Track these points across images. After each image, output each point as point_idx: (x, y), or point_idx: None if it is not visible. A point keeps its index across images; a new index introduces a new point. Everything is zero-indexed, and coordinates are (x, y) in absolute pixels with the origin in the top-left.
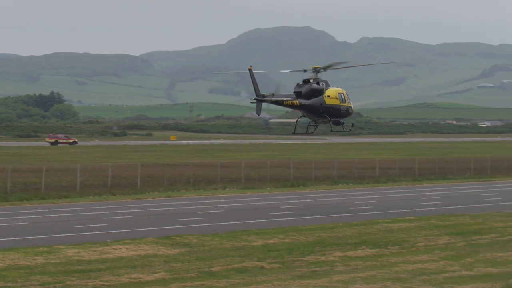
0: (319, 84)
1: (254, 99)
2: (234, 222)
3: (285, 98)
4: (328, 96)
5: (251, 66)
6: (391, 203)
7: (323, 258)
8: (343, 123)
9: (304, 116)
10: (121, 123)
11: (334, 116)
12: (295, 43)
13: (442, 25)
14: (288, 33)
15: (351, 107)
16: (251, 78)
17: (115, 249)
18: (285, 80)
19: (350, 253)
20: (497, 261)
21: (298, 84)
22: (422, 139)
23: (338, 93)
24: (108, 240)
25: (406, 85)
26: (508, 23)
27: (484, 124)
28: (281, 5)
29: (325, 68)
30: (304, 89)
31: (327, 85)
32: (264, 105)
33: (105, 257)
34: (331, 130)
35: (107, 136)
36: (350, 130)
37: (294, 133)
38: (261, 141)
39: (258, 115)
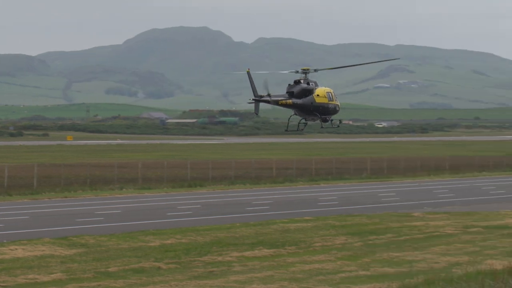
0: (309, 84)
1: (253, 99)
2: (131, 222)
3: (279, 98)
4: (318, 95)
5: (248, 69)
6: (288, 203)
7: (220, 258)
8: (332, 120)
9: (296, 114)
10: (17, 124)
11: (323, 113)
12: (192, 43)
13: (338, 25)
14: (185, 33)
15: (338, 105)
16: (249, 80)
17: (12, 249)
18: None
19: (247, 253)
20: (394, 261)
21: (289, 84)
22: (319, 140)
23: (327, 92)
24: (5, 241)
25: None
26: (403, 24)
27: (381, 124)
28: (178, 5)
29: (315, 70)
30: (296, 89)
31: (316, 85)
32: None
33: (1, 258)
34: (321, 127)
35: (4, 137)
36: (338, 126)
37: (286, 131)
38: (158, 141)
39: (257, 114)
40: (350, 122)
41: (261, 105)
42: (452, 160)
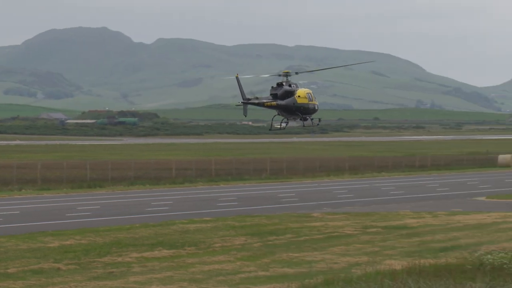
0: (291, 86)
1: (241, 102)
2: (30, 223)
3: (265, 100)
4: (299, 96)
5: (237, 74)
6: (188, 203)
7: (119, 259)
8: (312, 119)
9: (279, 114)
10: None
11: (304, 113)
12: (91, 44)
13: (238, 26)
14: (84, 34)
15: (317, 104)
16: (238, 84)
17: None
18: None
19: (146, 254)
20: (293, 262)
21: (272, 87)
22: (219, 140)
23: (307, 93)
24: None
25: (203, 86)
26: (303, 25)
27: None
28: (77, 6)
29: (296, 72)
30: (279, 91)
31: (297, 87)
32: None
33: None
34: (303, 126)
35: None
36: (318, 124)
37: (270, 130)
38: (57, 142)
39: (245, 116)
40: (250, 123)
41: (162, 106)
42: (351, 161)
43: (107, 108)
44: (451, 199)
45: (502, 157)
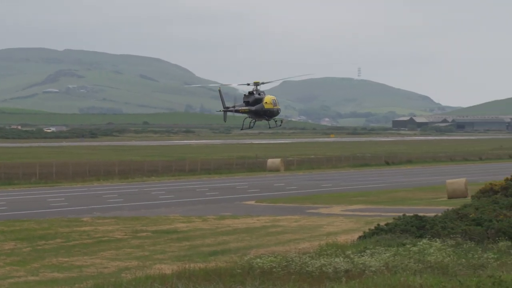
0: (260, 95)
1: (222, 110)
2: None
3: (240, 108)
4: (266, 102)
5: (220, 88)
6: None
7: None
8: (276, 120)
9: (249, 117)
10: None
11: (270, 116)
12: None
13: (5, 30)
14: None
15: (279, 108)
16: (220, 95)
17: None
18: None
19: None
20: (63, 266)
21: (245, 95)
22: None
23: (272, 100)
24: None
25: None
26: (72, 29)
27: (50, 129)
28: None
29: (263, 82)
30: (250, 99)
31: (264, 94)
32: None
33: None
34: (269, 127)
35: None
36: (280, 125)
37: (242, 129)
38: None
39: (225, 121)
40: (19, 127)
41: None
42: (121, 165)
43: None
44: (220, 203)
45: (271, 161)
